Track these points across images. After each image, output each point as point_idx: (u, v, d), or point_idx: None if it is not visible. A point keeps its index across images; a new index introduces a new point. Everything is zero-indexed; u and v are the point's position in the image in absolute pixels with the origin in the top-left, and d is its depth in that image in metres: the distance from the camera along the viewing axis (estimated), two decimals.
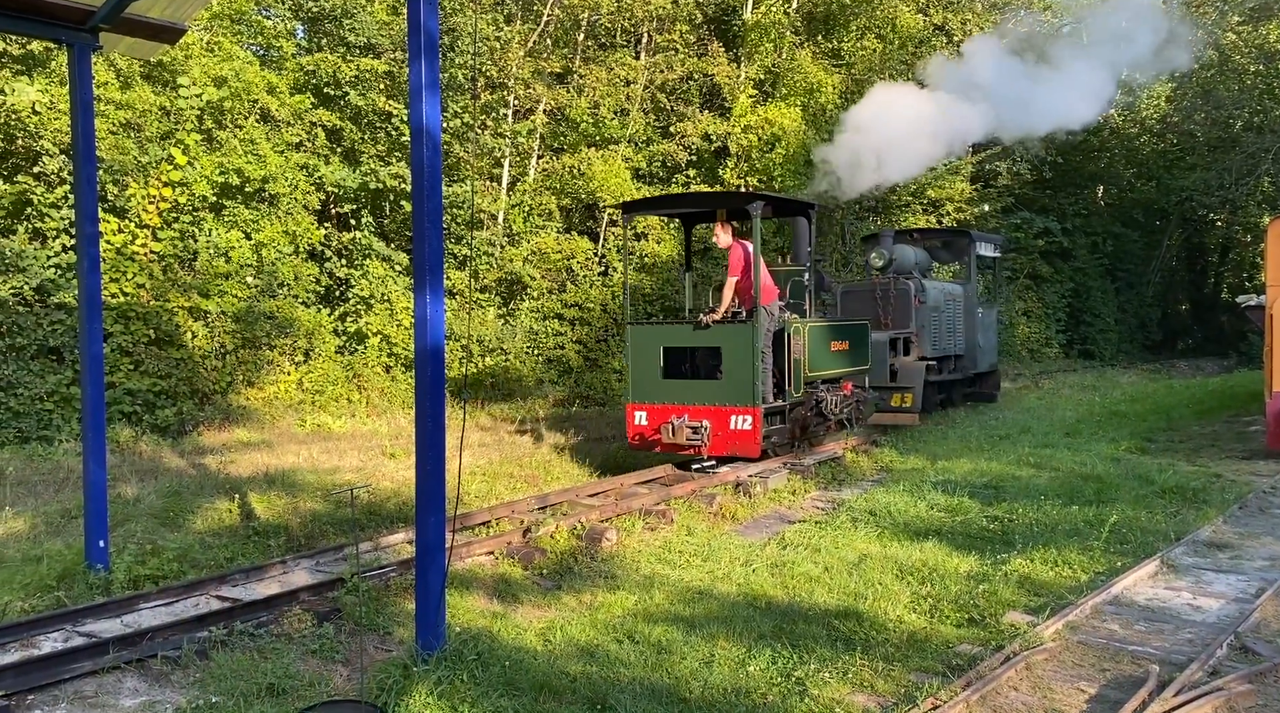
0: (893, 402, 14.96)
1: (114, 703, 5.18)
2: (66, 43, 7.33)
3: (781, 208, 12.67)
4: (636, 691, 5.26)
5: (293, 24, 19.35)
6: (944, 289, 17.19)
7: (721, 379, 10.98)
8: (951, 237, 19.04)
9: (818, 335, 11.97)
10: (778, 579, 7.44)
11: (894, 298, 15.93)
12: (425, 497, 5.70)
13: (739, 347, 10.86)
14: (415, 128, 5.61)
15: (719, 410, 10.88)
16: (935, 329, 16.44)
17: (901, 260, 16.52)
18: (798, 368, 11.46)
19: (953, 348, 17.24)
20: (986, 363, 18.75)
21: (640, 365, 11.59)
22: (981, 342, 18.25)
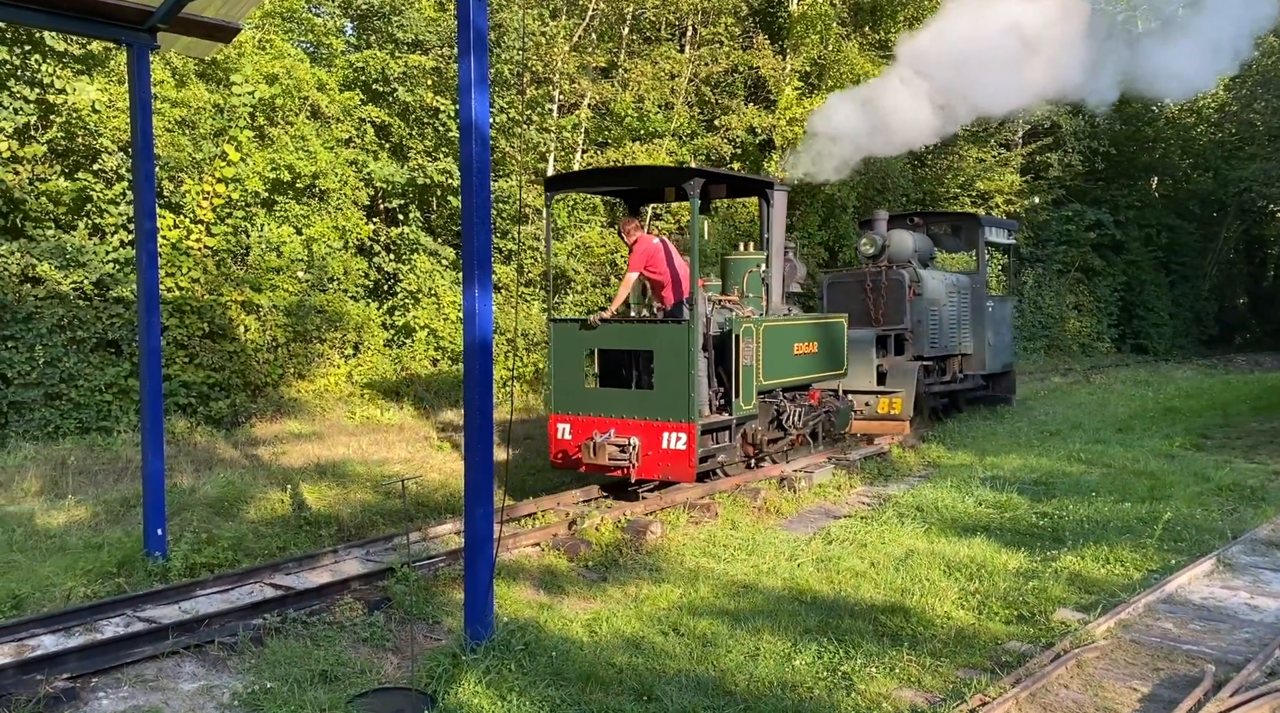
0: (879, 408, 13.19)
1: (173, 687, 5.32)
2: (126, 43, 7.51)
3: (738, 187, 11.04)
4: (682, 683, 5.29)
5: (342, 21, 19.60)
6: (946, 280, 15.30)
7: (654, 389, 9.34)
8: (957, 221, 17.09)
9: (775, 337, 10.27)
10: (823, 574, 7.42)
11: (885, 290, 14.21)
12: (473, 489, 5.77)
13: (671, 351, 9.15)
14: (464, 123, 5.67)
15: (650, 426, 9.16)
16: (934, 325, 14.65)
17: (898, 247, 14.78)
18: (748, 376, 9.73)
19: (957, 346, 15.46)
20: (999, 363, 16.77)
21: (564, 370, 9.87)
22: (992, 339, 16.28)
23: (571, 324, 9.92)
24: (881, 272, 14.24)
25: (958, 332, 15.46)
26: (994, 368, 16.48)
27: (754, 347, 9.80)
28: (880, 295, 14.19)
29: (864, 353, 13.20)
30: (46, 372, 12.64)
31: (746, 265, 10.87)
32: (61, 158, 14.08)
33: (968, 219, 16.84)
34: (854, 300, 14.28)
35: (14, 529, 8.40)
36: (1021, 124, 29.41)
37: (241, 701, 5.12)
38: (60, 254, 13.08)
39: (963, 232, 16.70)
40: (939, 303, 14.78)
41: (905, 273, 14.23)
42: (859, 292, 14.36)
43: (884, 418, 13.17)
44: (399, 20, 18.94)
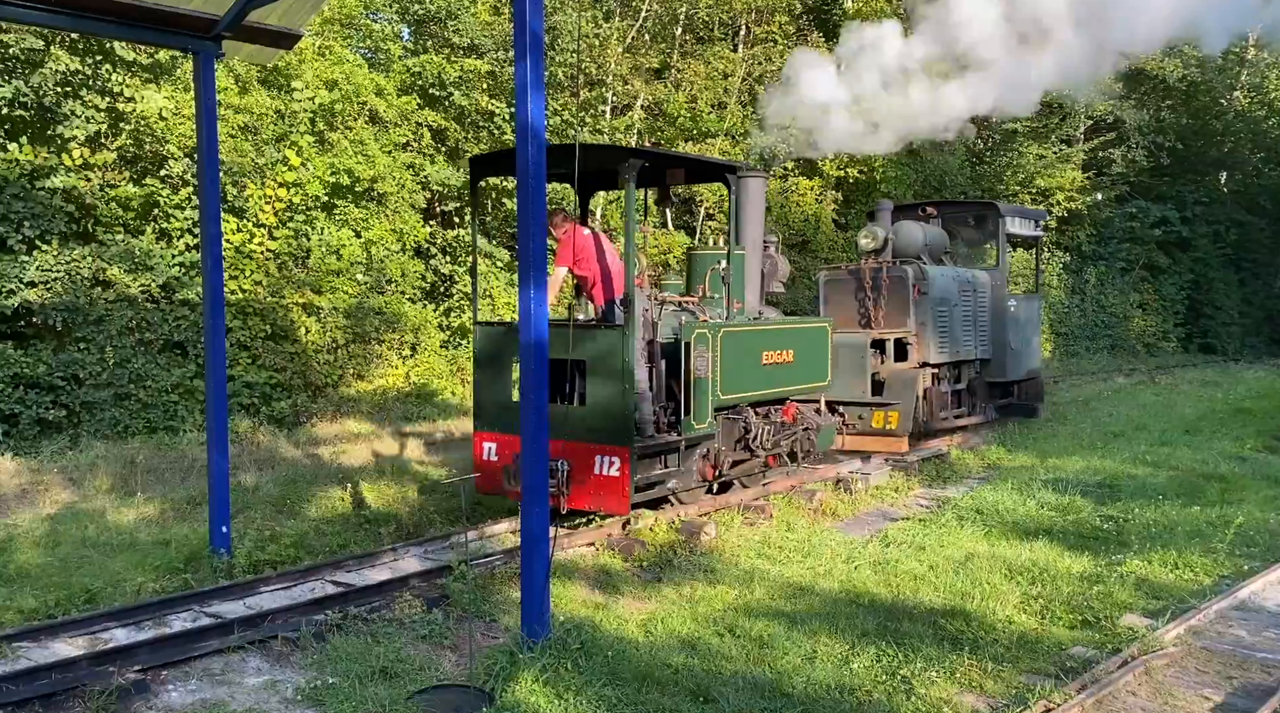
0: (874, 422, 11.86)
1: (239, 681, 5.44)
2: (192, 51, 7.70)
3: (696, 172, 9.54)
4: (739, 684, 5.26)
5: (399, 27, 19.89)
6: (959, 277, 13.69)
7: (585, 405, 8.13)
8: (974, 211, 15.37)
9: (738, 345, 8.90)
10: (881, 577, 7.33)
11: (886, 288, 12.71)
12: (529, 488, 5.81)
13: (604, 360, 7.92)
14: (520, 126, 5.71)
15: (581, 448, 7.84)
16: (944, 327, 13.08)
17: (905, 241, 13.42)
18: (702, 390, 8.40)
19: (972, 351, 13.81)
20: (1022, 368, 15.01)
21: (489, 380, 8.73)
22: (1014, 342, 14.60)
23: (497, 328, 8.84)
24: (882, 268, 12.81)
25: (972, 335, 13.86)
26: (1016, 374, 14.89)
27: (709, 356, 8.46)
28: (881, 295, 12.74)
29: (857, 360, 12.00)
30: (116, 373, 13.00)
31: (712, 261, 9.63)
32: (130, 164, 14.48)
33: (985, 208, 15.13)
34: (851, 300, 13.01)
35: (86, 526, 8.65)
36: (1083, 119, 28.79)
37: (305, 696, 5.21)
38: (129, 258, 13.45)
39: (981, 223, 15.03)
40: (949, 303, 13.25)
41: (909, 269, 12.80)
42: (858, 290, 12.98)
43: (879, 433, 11.88)
44: (455, 25, 19.17)
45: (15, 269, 12.48)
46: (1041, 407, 15.44)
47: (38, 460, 11.21)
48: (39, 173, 12.92)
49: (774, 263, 10.76)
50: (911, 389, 12.09)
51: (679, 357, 8.38)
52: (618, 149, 9.30)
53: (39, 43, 12.89)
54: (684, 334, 8.37)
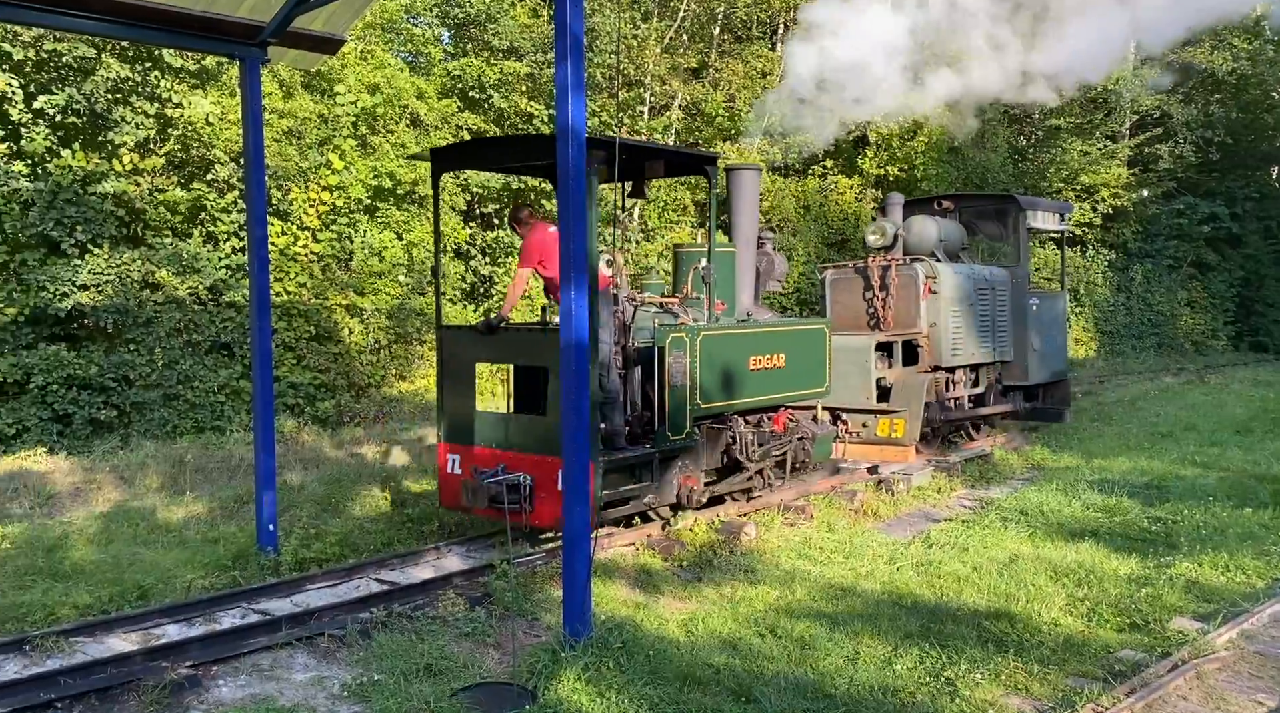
0: (879, 430, 11.23)
1: (287, 677, 5.53)
2: (239, 57, 7.84)
3: (675, 164, 8.77)
4: (781, 685, 5.25)
5: (439, 30, 20.07)
6: (975, 274, 12.91)
7: (547, 415, 7.55)
8: (993, 204, 14.48)
9: (720, 349, 8.34)
10: (923, 578, 7.28)
11: (894, 287, 12.05)
12: (571, 487, 5.84)
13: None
14: (561, 127, 5.74)
15: (546, 461, 7.32)
16: (957, 328, 12.32)
17: (918, 237, 12.63)
18: (679, 398, 7.89)
19: (990, 353, 13.05)
20: (1047, 371, 14.14)
21: (453, 389, 8.22)
22: (1037, 343, 13.78)
23: (462, 332, 8.35)
24: (890, 266, 12.12)
25: (990, 336, 13.05)
26: (1040, 377, 13.99)
27: (686, 361, 7.94)
28: (889, 294, 12.07)
29: (860, 364, 11.28)
30: (165, 373, 13.27)
31: (690, 259, 9.05)
32: (178, 169, 14.76)
33: (1005, 201, 14.28)
34: (857, 299, 12.38)
35: (138, 523, 8.84)
36: (1129, 115, 28.31)
37: (351, 692, 5.29)
38: (177, 261, 13.72)
39: (1001, 216, 14.10)
40: (964, 302, 12.49)
41: (918, 267, 12.09)
42: (865, 289, 12.34)
43: (884, 442, 11.20)
44: (494, 28, 19.30)
45: (68, 272, 12.78)
46: (1068, 412, 14.50)
47: (90, 459, 11.47)
48: (91, 178, 13.22)
49: (770, 261, 10.23)
50: (917, 394, 11.35)
51: (645, 363, 7.92)
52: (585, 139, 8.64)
53: (91, 51, 13.19)
54: (658, 338, 7.83)
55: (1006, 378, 13.62)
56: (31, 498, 9.95)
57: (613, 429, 7.65)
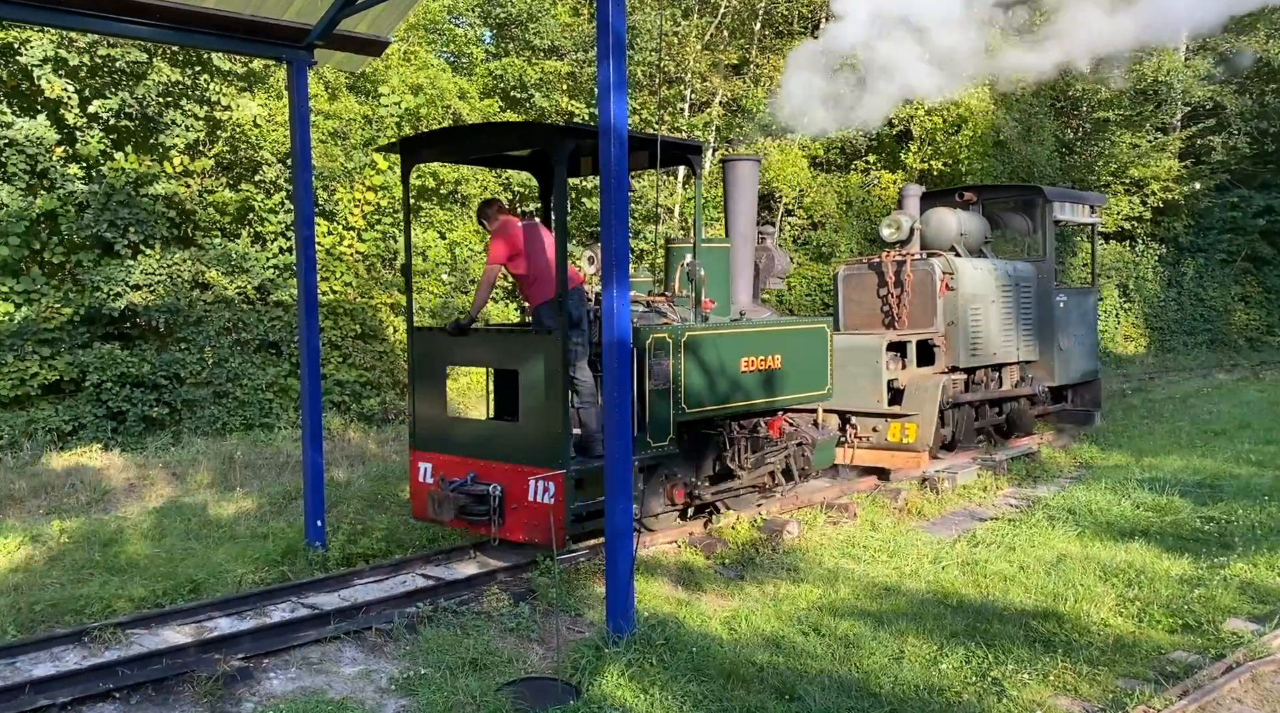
0: (889, 435, 10.59)
1: (336, 670, 5.62)
2: (286, 60, 7.96)
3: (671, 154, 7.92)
4: (825, 683, 5.24)
5: (481, 30, 20.21)
6: (997, 270, 12.28)
7: (519, 421, 7.24)
8: (1018, 195, 13.77)
9: (707, 350, 7.84)
10: (969, 578, 7.21)
11: (910, 284, 11.46)
12: (613, 483, 5.86)
13: (536, 370, 6.97)
14: (603, 126, 5.76)
15: (515, 470, 7.02)
16: (977, 327, 11.68)
17: (937, 231, 12.05)
18: (661, 402, 7.44)
19: (1013, 352, 12.40)
20: (1075, 371, 13.48)
21: (425, 393, 7.88)
22: (1065, 342, 13.13)
23: (433, 334, 7.98)
24: (905, 261, 11.52)
25: (1014, 335, 12.39)
26: (1068, 378, 13.30)
27: (669, 363, 7.49)
28: (904, 291, 11.49)
29: (870, 365, 10.64)
30: (215, 371, 13.53)
31: (679, 255, 8.62)
32: (226, 171, 15.04)
33: (1030, 193, 13.58)
34: (871, 297, 11.83)
35: (190, 519, 9.03)
36: (1180, 106, 27.71)
37: (398, 685, 5.36)
38: (226, 261, 13.98)
39: (1027, 209, 13.39)
40: (984, 299, 11.84)
41: (935, 262, 11.47)
42: (879, 286, 11.76)
43: (895, 447, 10.56)
44: (535, 27, 19.39)
45: (121, 273, 13.07)
46: (1097, 414, 13.80)
47: (143, 456, 11.73)
48: (143, 180, 13.51)
49: (770, 257, 9.75)
50: (931, 397, 10.64)
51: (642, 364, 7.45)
52: (546, 128, 7.70)
53: (143, 56, 13.47)
54: (637, 339, 7.21)
55: (1026, 382, 12.86)
56: (88, 493, 10.21)
57: (588, 435, 7.28)
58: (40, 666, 5.61)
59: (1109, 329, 25.58)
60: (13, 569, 7.63)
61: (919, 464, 10.46)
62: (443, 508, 7.08)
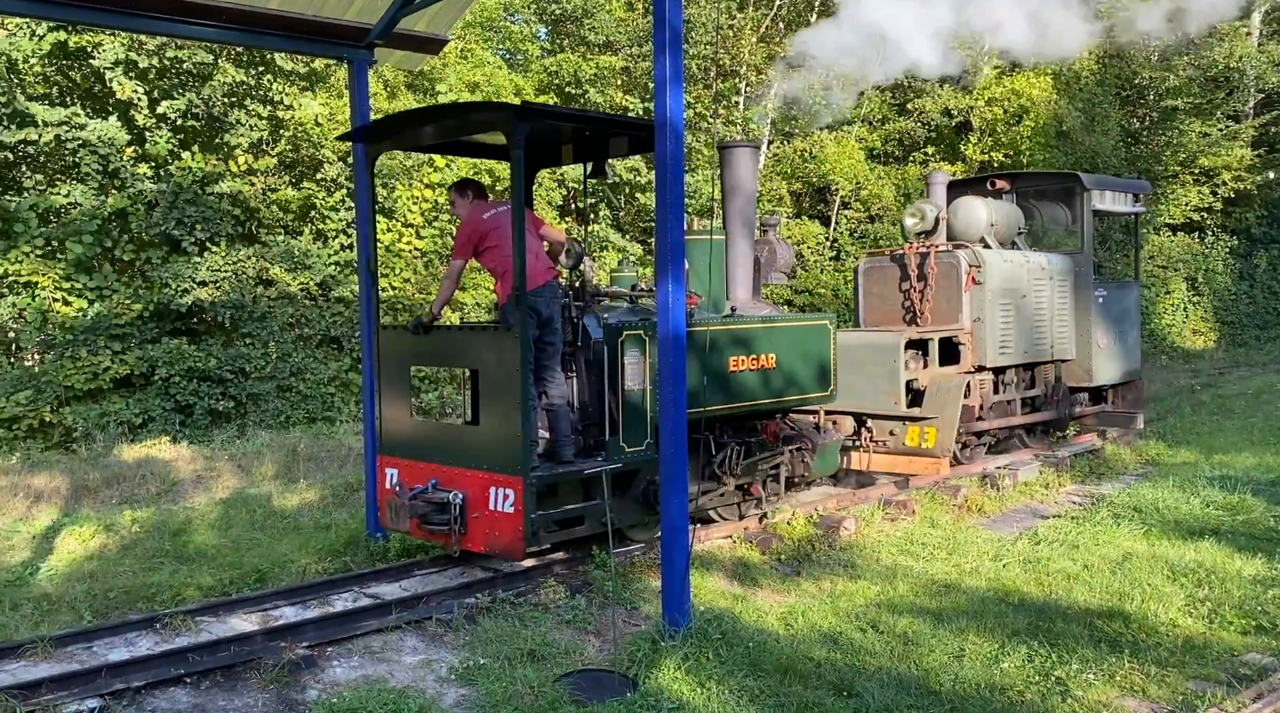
0: (907, 440, 9.97)
1: (397, 659, 5.72)
2: (347, 59, 8.10)
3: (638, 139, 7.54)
4: (883, 680, 5.19)
5: (536, 27, 20.33)
6: (1029, 263, 11.51)
7: (480, 424, 6.88)
8: (1054, 184, 12.89)
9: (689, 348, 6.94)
10: (1031, 576, 7.08)
11: (933, 277, 10.79)
12: (669, 478, 5.87)
13: (495, 370, 6.56)
14: (659, 120, 5.76)
15: (476, 477, 6.60)
16: (1006, 323, 11.00)
17: (966, 220, 11.37)
18: (635, 405, 6.99)
19: (1046, 350, 11.73)
20: (1115, 371, 12.62)
21: (392, 395, 7.50)
22: (1103, 339, 12.28)
23: (399, 332, 7.50)
24: (929, 253, 10.82)
25: (1047, 331, 11.70)
26: (1107, 378, 12.48)
27: (645, 363, 7.01)
28: (927, 285, 10.78)
29: (886, 364, 10.01)
30: (278, 366, 13.82)
31: None
32: (289, 169, 15.34)
33: (1066, 180, 12.66)
34: (893, 290, 11.19)
35: (255, 510, 9.25)
36: (1253, 93, 26.84)
37: (458, 675, 5.43)
38: (289, 258, 14.26)
39: (1064, 197, 12.59)
40: (1015, 293, 11.13)
41: (961, 254, 10.73)
42: (901, 279, 11.10)
43: (913, 452, 9.92)
44: (590, 23, 19.46)
45: (189, 270, 13.41)
46: (1139, 416, 12.85)
47: (210, 448, 12.03)
48: (209, 179, 13.84)
49: (772, 250, 9.20)
50: (955, 399, 9.94)
51: (591, 364, 7.13)
52: (500, 109, 6.93)
53: (208, 57, 13.79)
54: (607, 337, 6.87)
55: (1067, 378, 12.24)
56: (157, 484, 10.51)
57: (558, 440, 6.82)
58: (115, 650, 5.79)
59: (1176, 323, 24.91)
60: (88, 557, 7.90)
61: (938, 471, 9.80)
62: (399, 516, 6.71)
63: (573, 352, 7.23)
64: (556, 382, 6.91)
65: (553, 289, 6.90)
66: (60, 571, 7.55)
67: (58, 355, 12.77)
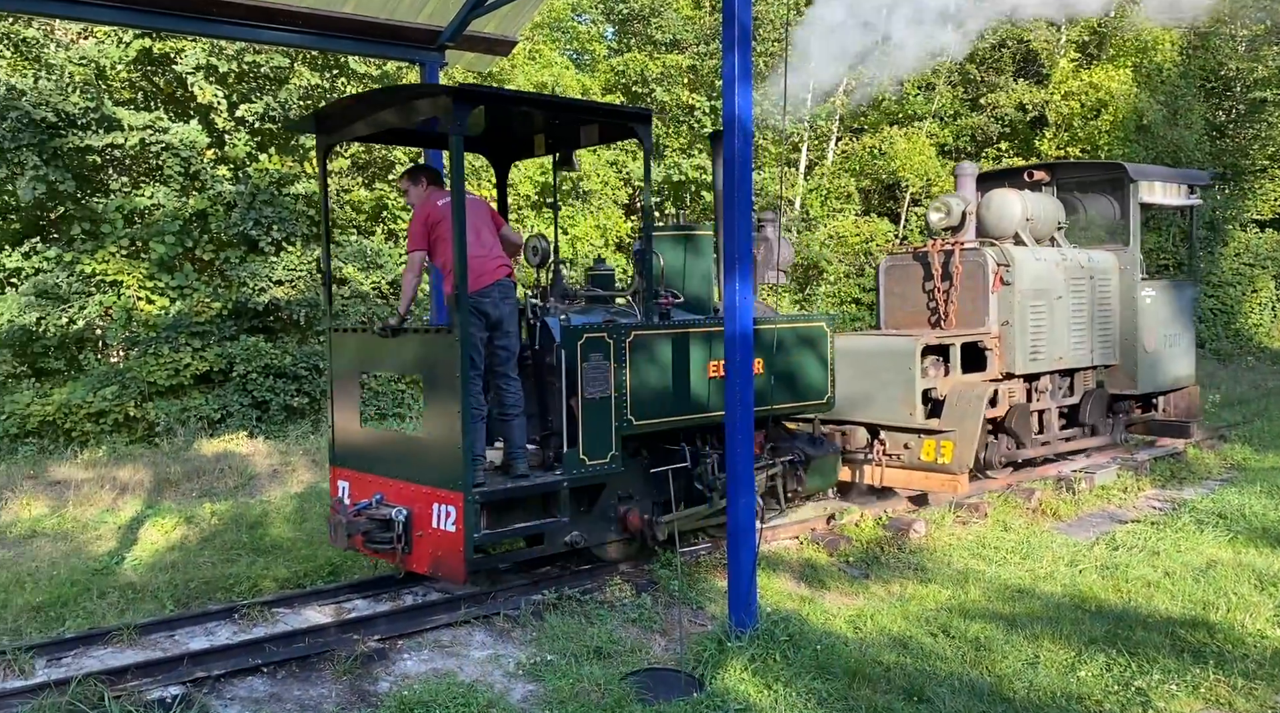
0: (922, 454, 9.15)
1: (466, 653, 5.79)
2: (419, 61, 8.24)
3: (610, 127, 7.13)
4: (955, 686, 5.10)
5: (604, 26, 20.42)
6: (1067, 261, 10.53)
7: (425, 434, 6.34)
8: (1098, 175, 11.84)
9: (658, 351, 6.79)
10: (1109, 582, 6.89)
11: (957, 277, 9.97)
12: (736, 477, 5.84)
13: (435, 377, 6.10)
14: (728, 118, 5.73)
15: (421, 492, 6.18)
16: (1039, 326, 10.07)
17: (998, 214, 10.45)
18: (597, 414, 6.45)
19: (1086, 356, 10.73)
20: (1165, 378, 11.65)
21: (343, 402, 7.04)
22: (1149, 342, 11.28)
23: (350, 336, 7.04)
24: (954, 251, 10.01)
25: (1087, 335, 10.72)
26: (1154, 385, 11.49)
27: (610, 368, 6.50)
28: (951, 285, 9.99)
29: (902, 371, 9.20)
30: None
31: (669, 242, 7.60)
32: (361, 170, 15.65)
33: (1111, 170, 11.68)
34: (920, 292, 10.33)
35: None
36: None
37: (525, 670, 5.48)
38: (361, 257, 14.55)
39: (1110, 189, 11.56)
40: (1049, 294, 10.19)
41: (988, 252, 9.88)
42: (924, 279, 10.27)
43: (928, 468, 9.11)
44: (658, 22, 19.47)
45: (266, 269, 13.76)
46: (1194, 426, 11.91)
47: (285, 443, 12.32)
48: (285, 180, 14.18)
49: (769, 247, 8.58)
50: (976, 411, 9.06)
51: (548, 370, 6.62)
52: (438, 89, 6.35)
53: (285, 61, 14.13)
54: (564, 340, 6.36)
55: (1110, 386, 11.31)
56: (235, 478, 10.80)
57: (511, 452, 6.34)
58: (195, 639, 5.97)
59: (1263, 323, 24.01)
60: (170, 548, 8.16)
61: (955, 489, 9.02)
62: (338, 534, 6.25)
63: (533, 357, 6.76)
64: (512, 389, 6.38)
65: (504, 288, 6.33)
66: (144, 561, 7.81)
67: (141, 352, 13.21)
